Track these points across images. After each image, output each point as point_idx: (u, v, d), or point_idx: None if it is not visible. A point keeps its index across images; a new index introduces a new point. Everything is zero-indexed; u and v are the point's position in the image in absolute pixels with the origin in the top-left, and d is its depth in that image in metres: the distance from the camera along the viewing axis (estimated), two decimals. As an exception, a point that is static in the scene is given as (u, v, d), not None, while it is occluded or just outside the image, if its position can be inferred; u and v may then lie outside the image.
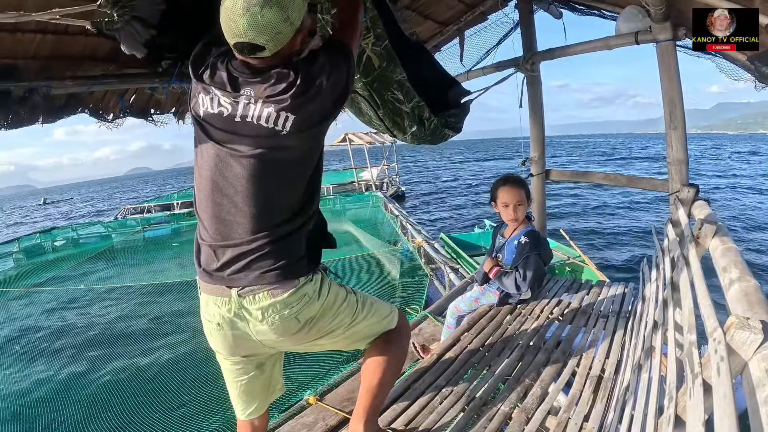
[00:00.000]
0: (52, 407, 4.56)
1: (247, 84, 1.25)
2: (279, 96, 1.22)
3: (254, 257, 1.26)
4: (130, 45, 1.31)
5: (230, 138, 1.25)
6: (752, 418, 0.70)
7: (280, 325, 1.30)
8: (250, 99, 1.24)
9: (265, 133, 1.23)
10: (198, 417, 3.82)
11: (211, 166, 1.28)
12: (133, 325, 6.73)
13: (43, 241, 12.83)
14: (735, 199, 18.34)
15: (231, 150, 1.25)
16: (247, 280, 1.26)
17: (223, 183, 1.27)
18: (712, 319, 0.99)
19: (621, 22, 2.65)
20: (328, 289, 1.39)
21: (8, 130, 2.10)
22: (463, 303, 2.93)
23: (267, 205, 1.27)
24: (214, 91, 1.26)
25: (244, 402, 1.56)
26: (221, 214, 1.28)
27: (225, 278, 1.28)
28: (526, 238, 2.65)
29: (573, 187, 21.25)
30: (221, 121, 1.26)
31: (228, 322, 1.32)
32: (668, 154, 2.72)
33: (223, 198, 1.27)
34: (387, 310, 1.61)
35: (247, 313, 1.29)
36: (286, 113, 1.22)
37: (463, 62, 3.90)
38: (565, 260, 6.70)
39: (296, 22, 1.21)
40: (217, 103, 1.26)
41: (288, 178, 1.29)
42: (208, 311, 1.35)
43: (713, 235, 1.65)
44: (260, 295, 1.27)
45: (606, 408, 1.85)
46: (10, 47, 1.89)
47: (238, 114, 1.24)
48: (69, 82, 2.18)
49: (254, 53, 1.19)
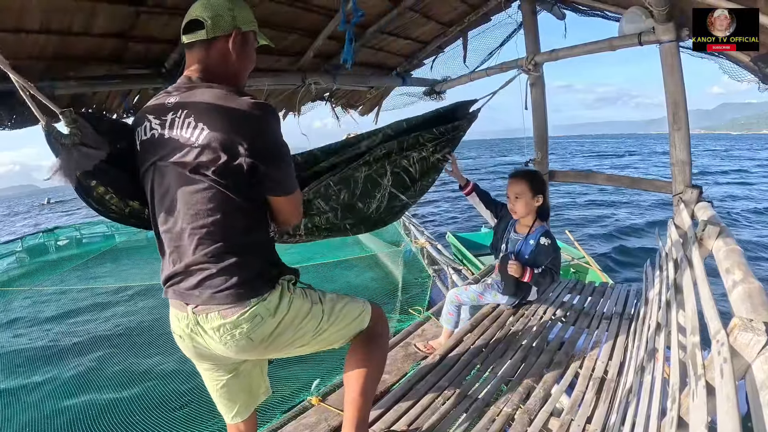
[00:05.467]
0: (52, 407, 4.57)
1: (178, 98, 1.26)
2: (201, 104, 1.21)
3: (204, 276, 1.24)
4: (65, 168, 1.25)
5: (160, 154, 1.25)
6: (755, 420, 0.70)
7: (233, 344, 1.28)
8: (177, 111, 1.23)
9: (186, 146, 1.20)
10: (199, 418, 3.83)
11: (152, 190, 1.29)
12: (134, 325, 6.74)
13: (47, 241, 12.86)
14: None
15: (161, 167, 1.26)
16: (201, 299, 1.25)
17: (164, 206, 1.27)
18: (716, 320, 0.99)
19: (624, 23, 2.65)
20: (288, 306, 1.33)
21: (12, 130, 2.12)
22: (465, 294, 2.89)
23: (206, 226, 1.22)
24: (148, 118, 1.28)
25: (225, 406, 1.55)
26: (172, 236, 1.27)
27: (182, 294, 1.27)
28: (548, 239, 2.63)
29: (575, 187, 21.21)
30: (151, 144, 1.27)
31: (188, 335, 1.32)
32: (671, 154, 2.72)
33: (169, 222, 1.27)
34: (357, 311, 1.54)
35: (201, 329, 1.28)
36: (200, 123, 1.18)
37: (466, 63, 3.90)
38: (569, 261, 6.68)
39: (239, 23, 1.31)
40: (149, 127, 1.28)
41: (215, 189, 1.21)
42: (173, 323, 1.37)
43: (716, 237, 1.64)
44: (211, 315, 1.25)
45: (609, 410, 1.85)
46: (14, 48, 1.91)
47: (166, 129, 1.24)
48: (73, 82, 2.19)
49: (194, 30, 1.27)
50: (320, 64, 3.39)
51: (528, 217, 2.72)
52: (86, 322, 7.14)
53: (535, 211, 2.71)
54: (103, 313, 7.51)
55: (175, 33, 2.40)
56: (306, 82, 3.26)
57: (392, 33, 3.41)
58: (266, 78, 2.97)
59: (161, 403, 4.25)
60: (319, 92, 3.87)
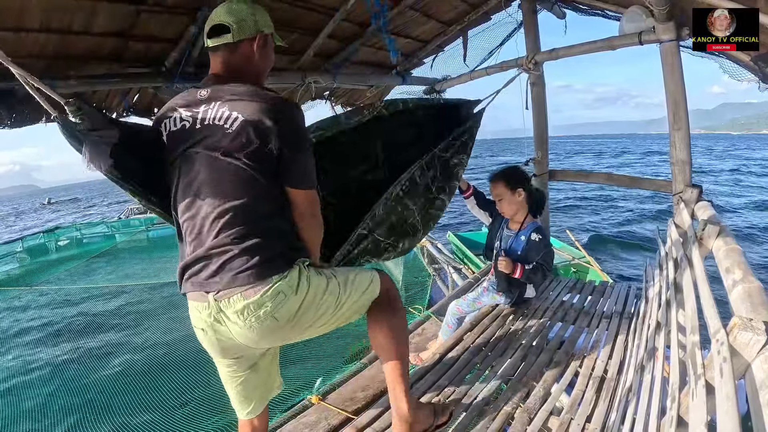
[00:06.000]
0: (51, 407, 4.58)
1: (210, 92, 1.33)
2: (233, 96, 1.30)
3: (226, 258, 1.25)
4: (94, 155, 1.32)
5: (191, 142, 1.31)
6: (755, 419, 0.70)
7: (258, 326, 1.28)
8: (210, 102, 1.31)
9: (220, 132, 1.27)
10: (199, 416, 3.83)
11: (179, 178, 1.33)
12: (134, 324, 6.75)
13: (47, 241, 12.87)
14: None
15: (191, 154, 1.30)
16: (222, 284, 1.25)
17: (190, 192, 1.31)
18: (715, 320, 0.99)
19: (624, 22, 2.65)
20: (308, 283, 1.36)
21: (12, 128, 2.12)
22: (465, 304, 2.91)
23: (232, 209, 1.27)
24: (177, 110, 1.35)
25: (241, 402, 1.56)
26: (195, 222, 1.30)
27: (203, 283, 1.28)
28: (539, 235, 2.63)
29: (576, 187, 21.23)
30: (182, 133, 1.33)
31: (210, 326, 1.32)
32: (671, 154, 2.71)
33: (194, 208, 1.30)
34: (367, 280, 1.57)
35: (225, 317, 1.28)
36: (234, 112, 1.27)
37: (466, 62, 3.90)
38: (569, 261, 6.68)
39: (260, 27, 1.41)
40: (180, 119, 1.34)
41: (247, 173, 1.28)
42: (193, 317, 1.37)
43: (716, 236, 1.64)
44: (234, 298, 1.25)
45: (608, 409, 1.85)
46: (15, 47, 1.91)
47: (198, 118, 1.31)
48: (73, 81, 2.19)
49: (220, 34, 1.36)
50: (320, 63, 3.39)
51: (518, 214, 2.72)
52: (86, 321, 7.15)
53: (523, 206, 2.71)
54: (103, 312, 7.52)
55: (175, 32, 2.40)
56: (306, 80, 3.25)
57: (392, 32, 3.40)
58: (266, 77, 2.96)
59: (161, 403, 4.25)
60: (319, 91, 3.86)
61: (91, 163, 1.31)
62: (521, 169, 2.84)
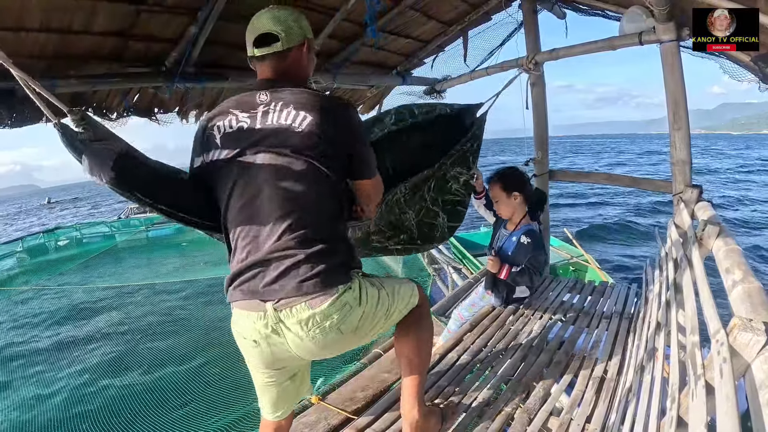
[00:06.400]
0: (51, 406, 4.58)
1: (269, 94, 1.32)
2: (294, 98, 1.29)
3: (289, 264, 1.21)
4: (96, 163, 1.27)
5: (251, 141, 1.28)
6: (754, 419, 0.70)
7: (321, 338, 1.25)
8: (270, 104, 1.29)
9: (287, 132, 1.26)
10: (200, 417, 3.83)
11: (235, 179, 1.29)
12: (134, 324, 6.75)
13: (47, 241, 12.87)
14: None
15: (252, 154, 1.27)
16: (283, 292, 1.20)
17: (248, 192, 1.27)
18: (715, 320, 0.99)
19: (625, 22, 2.65)
20: (366, 295, 1.34)
21: (12, 128, 2.11)
22: (464, 309, 2.94)
23: (301, 205, 1.25)
24: (232, 112, 1.32)
25: (274, 406, 1.52)
26: (252, 225, 1.26)
27: (259, 292, 1.22)
28: (528, 238, 2.63)
29: (576, 187, 21.23)
30: (240, 133, 1.29)
31: (265, 337, 1.26)
32: (672, 154, 2.71)
33: (252, 209, 1.26)
34: (410, 290, 1.58)
35: (284, 327, 1.23)
36: (302, 111, 1.26)
37: (466, 62, 3.90)
38: (568, 260, 6.68)
39: (305, 32, 1.42)
40: (236, 120, 1.30)
41: (315, 172, 1.27)
42: (242, 328, 1.30)
43: (716, 237, 1.64)
44: (298, 307, 1.21)
45: (608, 409, 1.85)
46: (15, 47, 1.90)
47: (259, 119, 1.28)
48: (73, 81, 2.19)
49: (270, 43, 1.35)
50: (320, 62, 3.38)
51: (515, 215, 2.73)
52: (86, 321, 7.15)
53: (519, 208, 2.72)
54: (103, 312, 7.52)
55: (175, 32, 2.40)
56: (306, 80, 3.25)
57: (393, 32, 3.40)
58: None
59: (162, 402, 4.26)
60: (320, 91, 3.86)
61: (91, 173, 1.27)
62: (519, 170, 2.83)
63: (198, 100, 2.96)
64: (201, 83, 2.65)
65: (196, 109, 3.04)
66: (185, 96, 2.84)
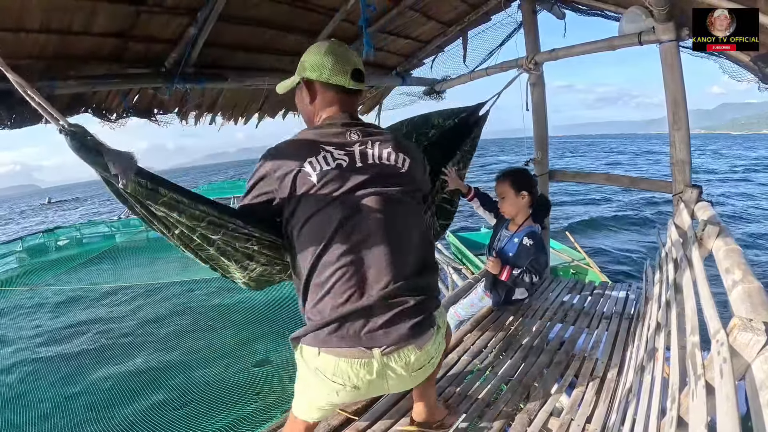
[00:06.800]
0: (50, 407, 4.58)
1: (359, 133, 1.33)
2: (382, 137, 1.33)
3: (400, 311, 1.18)
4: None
5: (358, 181, 1.24)
6: (755, 419, 0.70)
7: (421, 376, 1.29)
8: (365, 143, 1.30)
9: (393, 172, 1.28)
10: (199, 417, 3.83)
11: (340, 219, 1.21)
12: (134, 325, 6.74)
13: (47, 241, 12.88)
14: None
15: (363, 198, 1.23)
16: (391, 338, 1.18)
17: (357, 234, 1.21)
18: (715, 320, 0.98)
19: (624, 22, 2.64)
20: (443, 323, 1.38)
21: (12, 129, 2.11)
22: (462, 308, 2.93)
23: (410, 247, 1.23)
24: (324, 149, 1.26)
25: (320, 415, 1.45)
26: (358, 267, 1.20)
27: (361, 338, 1.18)
28: (531, 240, 2.62)
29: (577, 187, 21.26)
30: (342, 172, 1.24)
31: (367, 383, 1.22)
32: (671, 154, 2.71)
33: (360, 251, 1.20)
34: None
35: (390, 370, 1.21)
36: (401, 153, 1.30)
37: (466, 62, 3.90)
38: (569, 262, 6.69)
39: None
40: (332, 157, 1.25)
41: (420, 214, 1.31)
42: (341, 374, 1.22)
43: (716, 237, 1.64)
44: (406, 351, 1.20)
45: (608, 409, 1.85)
46: (14, 47, 1.90)
47: (357, 158, 1.27)
48: (72, 82, 2.18)
49: (362, 79, 1.37)
50: (320, 63, 3.38)
51: (519, 216, 2.72)
52: (86, 321, 7.15)
53: (525, 209, 2.71)
54: (103, 312, 7.51)
55: (174, 33, 2.40)
56: (306, 81, 3.25)
57: (392, 32, 3.40)
58: (266, 77, 2.96)
59: (162, 403, 4.26)
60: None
61: (115, 166, 1.13)
62: (529, 173, 2.85)
63: (197, 101, 2.96)
64: (200, 84, 2.65)
65: (195, 110, 3.04)
66: (185, 97, 2.84)
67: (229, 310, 6.91)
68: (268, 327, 5.96)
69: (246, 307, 6.95)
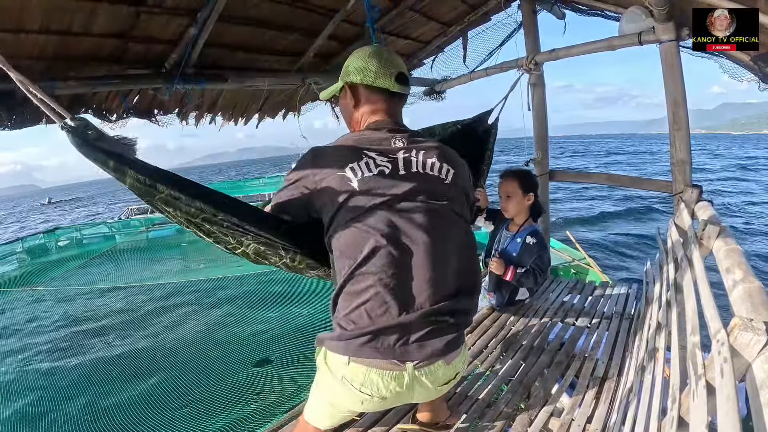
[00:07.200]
0: (49, 407, 4.58)
1: (404, 140, 1.30)
2: (427, 146, 1.30)
3: (438, 327, 1.18)
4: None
5: (403, 191, 1.20)
6: (756, 419, 0.70)
7: (446, 388, 1.30)
8: (410, 150, 1.27)
9: (438, 183, 1.25)
10: (200, 418, 3.83)
11: (383, 230, 1.17)
12: (134, 325, 6.74)
13: (47, 241, 12.88)
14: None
15: (408, 209, 1.20)
16: (425, 353, 1.17)
17: (401, 245, 1.18)
18: (716, 320, 0.98)
19: (624, 22, 2.64)
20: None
21: (12, 130, 2.11)
22: None
23: (453, 260, 1.22)
24: (367, 155, 1.23)
25: (335, 423, 1.47)
26: (401, 280, 1.17)
27: (395, 351, 1.17)
28: (534, 239, 2.64)
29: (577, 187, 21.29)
30: (385, 180, 1.21)
31: (396, 394, 1.22)
32: (672, 154, 2.71)
33: (403, 263, 1.18)
34: None
35: (419, 384, 1.22)
36: (445, 163, 1.28)
37: (466, 63, 3.90)
38: (569, 262, 6.67)
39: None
40: (374, 164, 1.22)
41: (463, 229, 1.28)
42: (370, 385, 1.21)
43: (717, 236, 1.64)
44: (435, 366, 1.21)
45: (609, 410, 1.85)
46: (14, 48, 1.90)
47: (401, 168, 1.23)
48: (73, 82, 2.18)
49: (406, 82, 1.35)
50: (320, 64, 3.39)
51: (520, 216, 2.73)
52: (86, 321, 7.15)
53: (526, 210, 2.73)
54: (103, 312, 7.51)
55: (174, 33, 2.40)
56: (306, 82, 3.25)
57: (392, 33, 3.40)
58: (266, 78, 2.97)
59: (162, 403, 4.26)
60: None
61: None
62: (534, 175, 2.87)
63: (197, 102, 2.96)
64: (200, 85, 2.65)
65: (195, 111, 3.04)
66: (185, 97, 2.84)
67: (229, 309, 6.92)
68: (269, 326, 5.97)
69: (246, 306, 6.95)
